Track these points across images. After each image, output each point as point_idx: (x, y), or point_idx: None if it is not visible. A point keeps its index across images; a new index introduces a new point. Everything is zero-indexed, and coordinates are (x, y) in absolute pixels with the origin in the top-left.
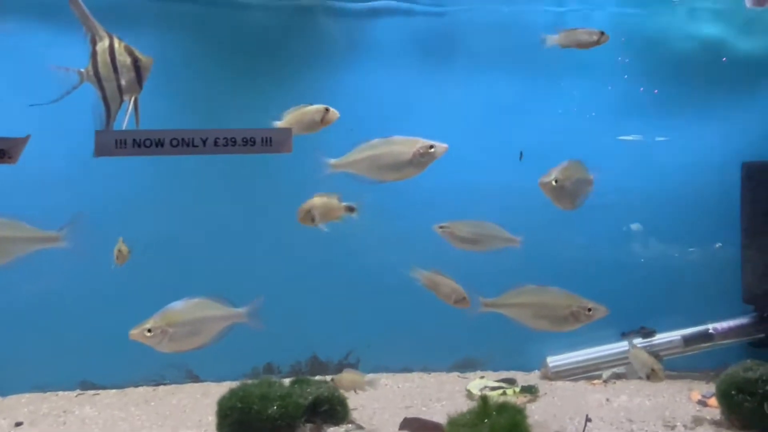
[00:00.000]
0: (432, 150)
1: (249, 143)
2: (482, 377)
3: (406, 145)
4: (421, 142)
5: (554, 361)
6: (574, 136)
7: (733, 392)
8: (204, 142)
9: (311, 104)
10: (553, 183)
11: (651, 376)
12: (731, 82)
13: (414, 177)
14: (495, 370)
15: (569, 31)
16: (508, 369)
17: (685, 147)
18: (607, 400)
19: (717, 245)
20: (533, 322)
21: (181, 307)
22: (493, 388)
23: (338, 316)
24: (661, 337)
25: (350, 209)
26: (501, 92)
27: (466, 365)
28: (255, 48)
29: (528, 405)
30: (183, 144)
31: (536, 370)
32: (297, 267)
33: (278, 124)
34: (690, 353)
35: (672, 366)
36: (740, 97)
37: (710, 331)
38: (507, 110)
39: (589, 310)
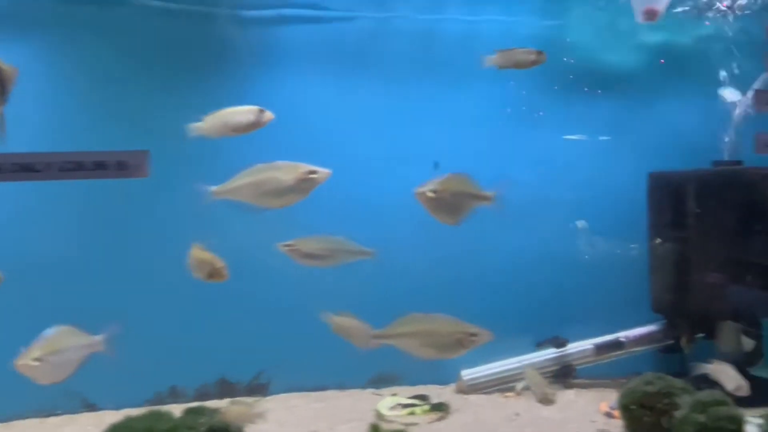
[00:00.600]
0: (314, 176)
1: (100, 167)
2: (394, 394)
3: (289, 171)
4: (303, 168)
5: (469, 374)
6: (487, 145)
7: (632, 407)
8: (48, 166)
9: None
10: (429, 194)
11: (543, 400)
12: (638, 93)
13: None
14: (412, 384)
15: (506, 51)
16: (425, 383)
17: (596, 156)
18: (517, 414)
19: (628, 252)
20: (421, 351)
21: (57, 335)
22: (405, 406)
23: (248, 335)
24: (573, 347)
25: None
26: (415, 100)
27: (381, 381)
28: (160, 54)
29: (437, 423)
30: (23, 170)
31: (453, 384)
32: (202, 286)
33: (199, 126)
34: (603, 362)
35: (587, 374)
36: (646, 109)
37: (621, 339)
38: (420, 119)
39: (473, 335)
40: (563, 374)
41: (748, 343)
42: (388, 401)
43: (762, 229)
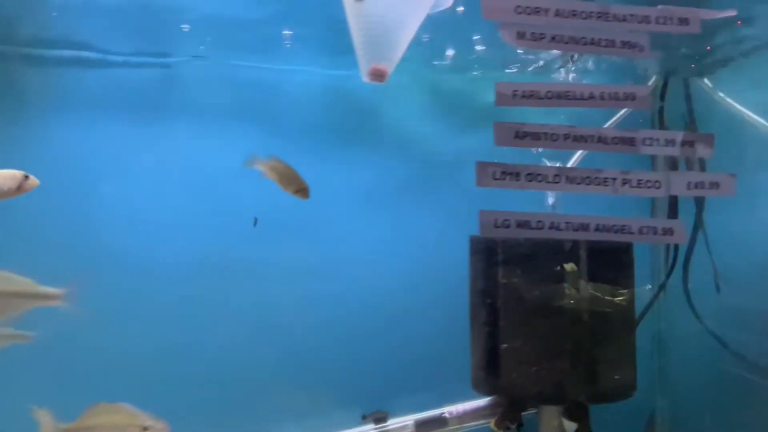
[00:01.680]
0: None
1: None
2: None
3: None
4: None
5: None
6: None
7: None
8: None
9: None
10: None
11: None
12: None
13: None
14: None
15: None
16: None
17: (418, 225)
18: None
19: (456, 320)
20: None
21: None
22: None
23: None
24: (393, 422)
25: None
26: (225, 151)
27: None
28: None
29: None
30: None
31: None
32: None
33: None
34: None
35: None
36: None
37: (445, 415)
38: (229, 170)
39: (146, 428)
40: None
41: (570, 427)
42: None
43: (569, 303)
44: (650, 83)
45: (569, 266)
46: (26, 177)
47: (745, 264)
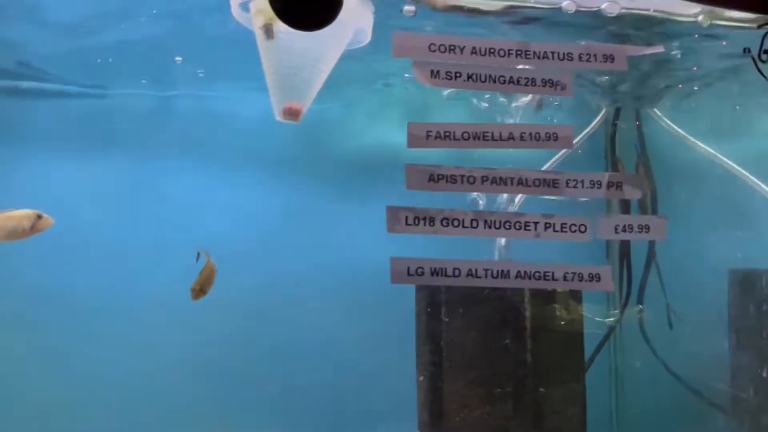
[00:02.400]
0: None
1: None
2: None
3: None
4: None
5: None
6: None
7: None
8: None
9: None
10: None
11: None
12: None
13: None
14: None
15: None
16: None
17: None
18: None
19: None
20: None
21: None
22: None
23: None
24: None
25: None
26: (164, 183)
27: None
28: None
29: None
30: None
31: None
32: None
33: None
34: None
35: None
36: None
37: None
38: (170, 203)
39: (39, 217)
40: None
41: None
42: None
43: (512, 344)
44: (600, 115)
45: None
46: (39, 216)
47: (696, 299)
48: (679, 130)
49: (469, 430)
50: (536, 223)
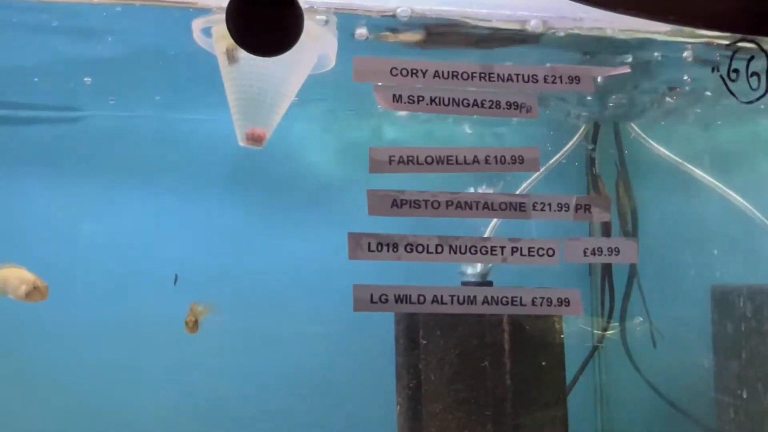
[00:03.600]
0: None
1: None
2: None
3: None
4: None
5: None
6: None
7: None
8: None
9: None
10: None
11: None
12: None
13: None
14: None
15: None
16: None
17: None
18: None
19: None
20: None
21: None
22: None
23: None
24: None
25: None
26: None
27: None
28: None
29: None
30: None
31: None
32: None
33: None
34: None
35: None
36: None
37: None
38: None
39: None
40: None
41: None
42: None
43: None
44: (579, 132)
45: None
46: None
47: (679, 315)
48: (660, 147)
49: None
50: (503, 248)
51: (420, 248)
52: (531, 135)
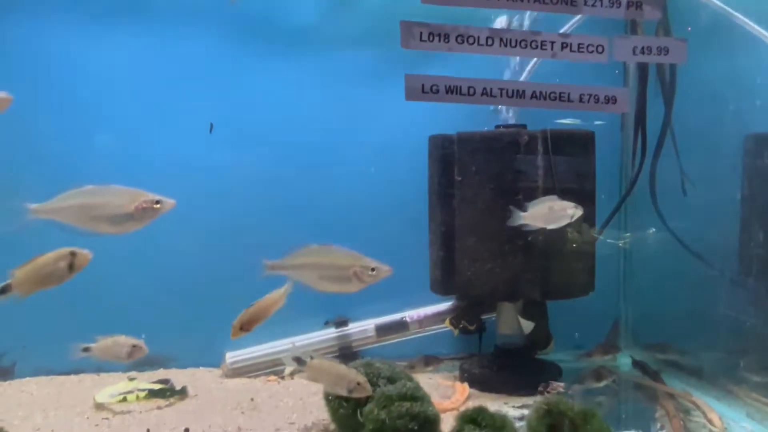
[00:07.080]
0: (158, 206)
1: None
2: (133, 379)
3: (127, 197)
4: (146, 196)
5: (233, 356)
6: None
7: (330, 397)
8: None
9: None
10: None
11: (355, 390)
12: None
13: None
14: (182, 367)
15: None
16: (196, 365)
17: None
18: (252, 399)
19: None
20: (318, 284)
21: None
22: (141, 391)
23: None
24: (354, 327)
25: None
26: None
27: (147, 363)
28: None
29: (155, 411)
30: None
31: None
32: None
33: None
34: (391, 342)
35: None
36: None
37: (405, 319)
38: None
39: (373, 269)
40: (343, 357)
41: (527, 326)
42: (110, 390)
43: (523, 196)
44: None
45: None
46: (74, 254)
47: (711, 162)
48: None
49: (479, 283)
50: (552, 42)
51: (471, 39)
52: None
